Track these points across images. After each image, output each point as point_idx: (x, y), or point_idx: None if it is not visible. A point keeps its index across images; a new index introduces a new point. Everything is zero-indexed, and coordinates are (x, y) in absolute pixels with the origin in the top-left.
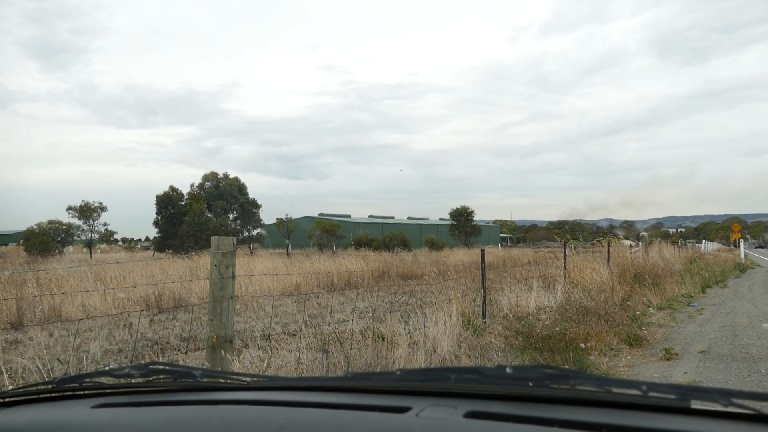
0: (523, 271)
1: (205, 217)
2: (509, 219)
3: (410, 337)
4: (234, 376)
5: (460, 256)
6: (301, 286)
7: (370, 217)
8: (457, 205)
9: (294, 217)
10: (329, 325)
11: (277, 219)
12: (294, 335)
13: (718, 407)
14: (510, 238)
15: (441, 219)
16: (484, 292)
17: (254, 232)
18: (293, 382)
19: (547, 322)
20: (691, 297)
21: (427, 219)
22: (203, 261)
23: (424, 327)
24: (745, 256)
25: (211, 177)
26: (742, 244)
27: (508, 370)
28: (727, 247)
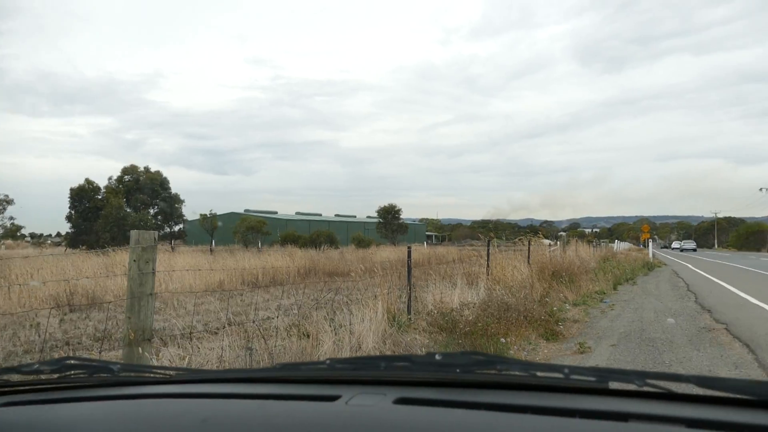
0: (447, 268)
1: (123, 211)
2: (435, 218)
3: (335, 333)
4: (156, 370)
5: (387, 253)
6: (224, 283)
7: (297, 214)
8: (385, 203)
9: (219, 213)
10: (254, 322)
11: (201, 215)
12: (216, 333)
13: (634, 387)
14: (436, 236)
15: (368, 217)
16: (410, 289)
17: (176, 228)
18: (219, 375)
19: (470, 318)
20: (604, 294)
21: (355, 217)
22: (120, 257)
23: (350, 324)
24: (653, 255)
25: (131, 170)
26: (650, 244)
27: (437, 357)
28: (637, 247)
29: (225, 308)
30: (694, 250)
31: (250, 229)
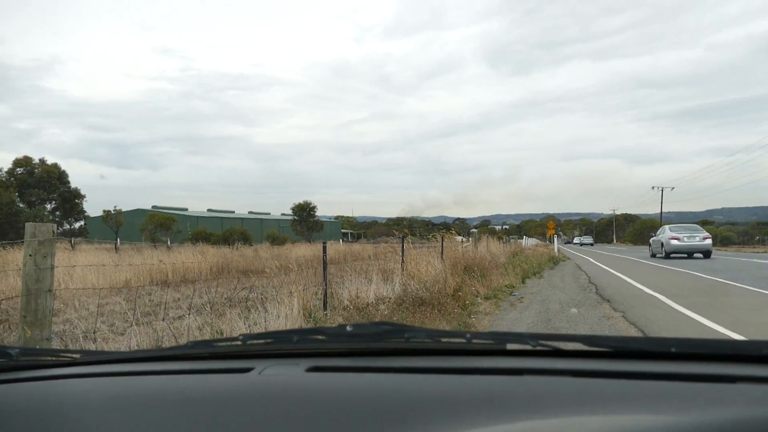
0: (363, 264)
1: (15, 207)
2: (351, 215)
3: (250, 331)
4: (60, 354)
5: (302, 250)
6: (131, 281)
7: (209, 211)
8: (300, 200)
9: (124, 209)
10: (164, 320)
11: (105, 211)
12: (123, 334)
13: (528, 347)
14: (351, 233)
15: (283, 214)
16: (326, 285)
17: (77, 225)
18: (127, 355)
19: (386, 312)
20: (514, 287)
21: (269, 214)
22: (12, 255)
23: (265, 321)
24: (558, 250)
25: (25, 162)
26: (556, 240)
27: (348, 328)
28: (543, 243)
29: (132, 308)
30: (592, 244)
31: (159, 227)
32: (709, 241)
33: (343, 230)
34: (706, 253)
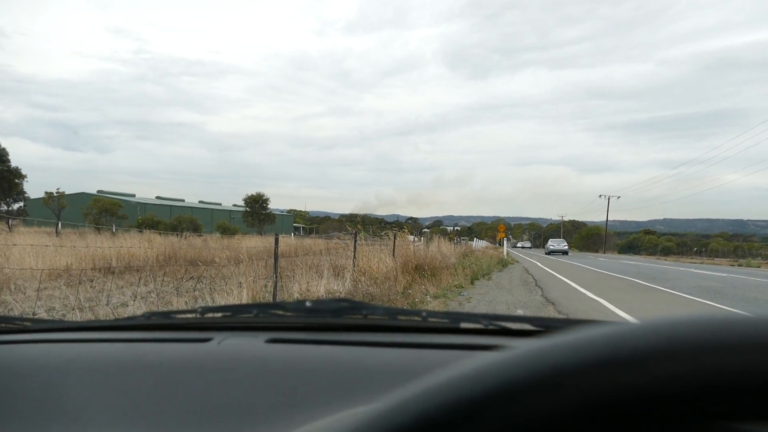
0: (315, 259)
1: None
2: (304, 209)
3: None
4: (9, 321)
5: (253, 242)
6: (72, 267)
7: (158, 198)
8: (252, 191)
9: (68, 192)
10: (107, 305)
11: (46, 193)
12: (62, 319)
13: (480, 326)
14: (303, 228)
15: (235, 205)
16: (276, 278)
17: (15, 207)
18: (82, 323)
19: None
20: (463, 287)
21: (220, 204)
22: None
23: None
24: (507, 253)
25: None
26: (505, 243)
27: (308, 303)
28: (493, 245)
29: (74, 294)
30: (530, 247)
31: (104, 212)
32: (566, 247)
33: (295, 224)
34: (565, 252)
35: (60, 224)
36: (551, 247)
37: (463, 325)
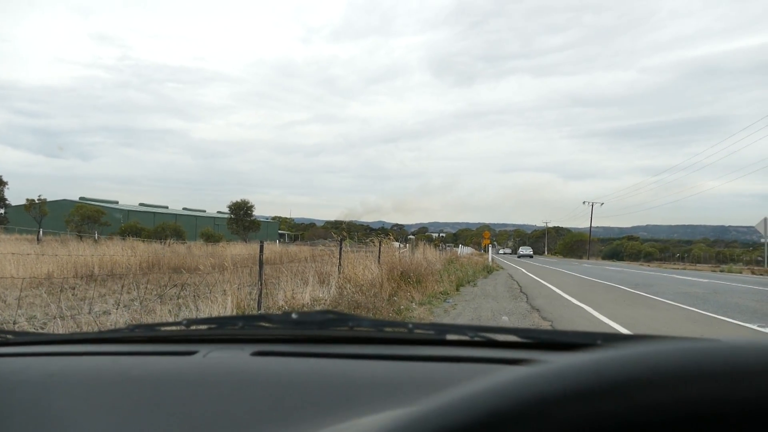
0: (300, 266)
1: None
2: (289, 216)
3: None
4: None
5: (238, 249)
6: (54, 274)
7: (141, 205)
8: (237, 198)
9: (50, 199)
10: (89, 313)
11: (28, 200)
12: (44, 328)
13: (467, 338)
14: (288, 235)
15: (219, 212)
16: (261, 284)
17: None
18: (65, 336)
19: None
20: (448, 294)
21: (205, 211)
22: None
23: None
24: (492, 260)
25: None
26: (490, 249)
27: (293, 315)
28: (478, 252)
29: (55, 301)
30: (512, 254)
31: (86, 219)
32: (531, 251)
33: (280, 231)
34: (531, 257)
35: (41, 231)
36: (521, 252)
37: (449, 336)
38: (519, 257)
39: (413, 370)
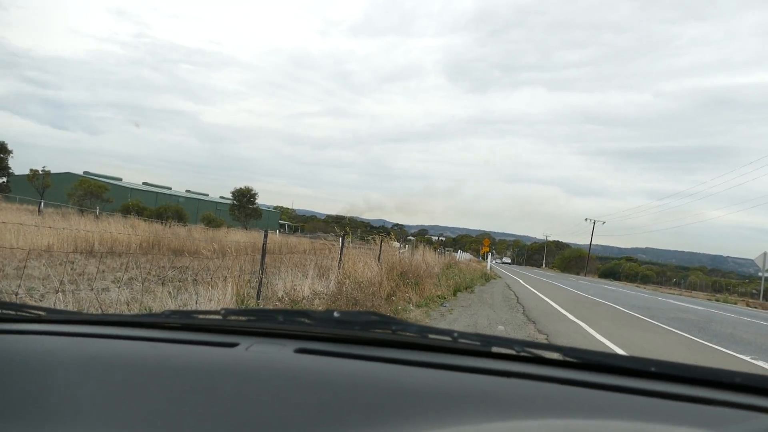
0: (300, 258)
1: None
2: (291, 207)
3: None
4: (23, 309)
5: (238, 236)
6: (53, 247)
7: (145, 184)
8: (241, 185)
9: (54, 171)
10: (92, 289)
11: (31, 170)
12: (42, 300)
13: (513, 352)
14: (289, 225)
15: (222, 197)
16: (262, 274)
17: None
18: (99, 317)
19: (320, 308)
20: (445, 298)
21: (207, 195)
22: None
23: (196, 303)
24: (491, 268)
25: None
26: (489, 257)
27: (335, 314)
28: (476, 259)
29: (57, 274)
30: (510, 263)
31: (89, 194)
32: (509, 260)
33: (281, 221)
34: (510, 264)
35: (42, 203)
36: (503, 260)
37: (495, 349)
38: (501, 264)
39: (460, 380)
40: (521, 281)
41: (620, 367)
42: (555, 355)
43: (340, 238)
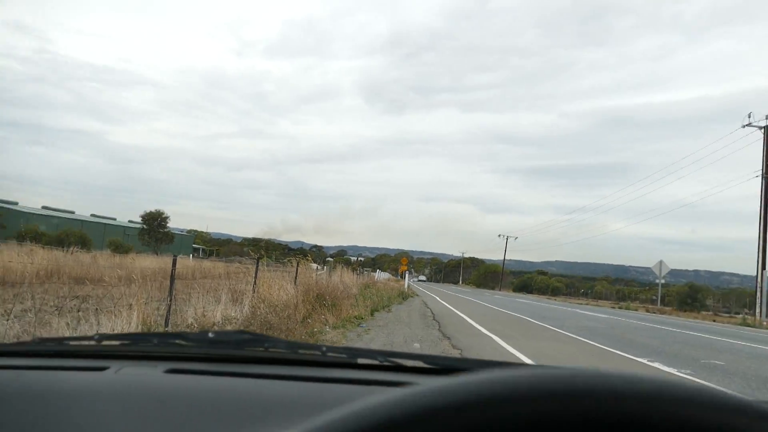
0: (213, 283)
1: None
2: (205, 230)
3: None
4: None
5: (148, 262)
6: None
7: (44, 208)
8: (152, 208)
9: None
10: None
11: None
12: None
13: (377, 362)
14: (204, 249)
15: (131, 221)
16: (170, 300)
17: None
18: None
19: None
20: (362, 319)
21: (115, 219)
22: None
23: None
24: (408, 286)
25: None
26: (407, 275)
27: (210, 334)
28: (395, 278)
29: None
30: (426, 281)
31: None
32: (424, 278)
33: (194, 245)
34: (426, 282)
35: None
36: (420, 278)
37: (360, 360)
38: (418, 282)
39: (325, 391)
40: (438, 298)
41: (463, 368)
42: (418, 363)
43: (256, 262)
